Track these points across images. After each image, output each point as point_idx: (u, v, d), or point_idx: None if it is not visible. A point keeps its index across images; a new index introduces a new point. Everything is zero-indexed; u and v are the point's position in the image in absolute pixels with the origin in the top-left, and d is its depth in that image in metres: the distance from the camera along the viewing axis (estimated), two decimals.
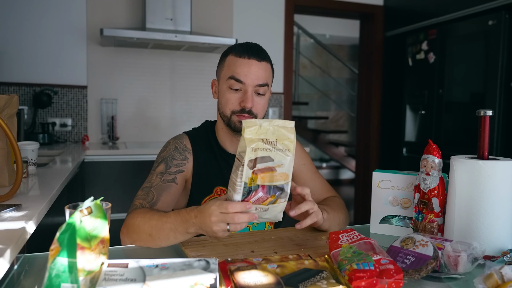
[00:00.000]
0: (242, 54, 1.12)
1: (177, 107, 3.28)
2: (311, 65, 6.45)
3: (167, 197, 1.10)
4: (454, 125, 3.02)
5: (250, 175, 0.79)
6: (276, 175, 0.80)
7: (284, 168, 0.81)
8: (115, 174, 2.56)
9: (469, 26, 2.87)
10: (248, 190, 0.80)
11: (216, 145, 1.23)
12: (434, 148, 0.97)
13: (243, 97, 1.12)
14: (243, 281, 0.67)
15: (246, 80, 1.11)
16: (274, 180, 0.80)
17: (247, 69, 1.11)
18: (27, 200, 1.16)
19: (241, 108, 1.12)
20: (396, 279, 0.69)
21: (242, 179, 0.79)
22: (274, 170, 0.80)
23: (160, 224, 0.93)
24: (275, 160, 0.80)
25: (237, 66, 1.12)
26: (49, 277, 0.58)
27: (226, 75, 1.14)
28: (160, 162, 1.16)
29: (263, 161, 0.79)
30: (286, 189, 0.83)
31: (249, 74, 1.11)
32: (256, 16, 3.45)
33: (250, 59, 1.11)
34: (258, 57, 1.12)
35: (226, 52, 1.18)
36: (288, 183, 0.83)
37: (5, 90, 2.91)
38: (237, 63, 1.12)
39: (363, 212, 4.01)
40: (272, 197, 0.82)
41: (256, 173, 0.79)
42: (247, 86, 1.11)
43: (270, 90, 1.18)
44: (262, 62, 1.13)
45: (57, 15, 2.97)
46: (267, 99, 1.17)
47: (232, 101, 1.13)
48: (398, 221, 1.09)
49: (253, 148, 0.78)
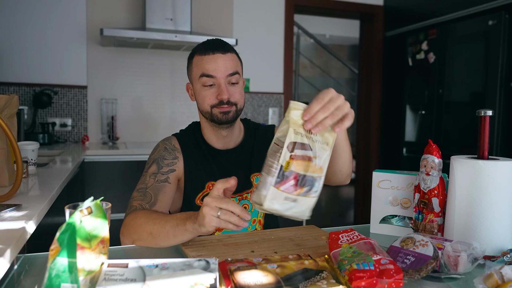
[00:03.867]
0: (207, 51, 1.16)
1: (177, 107, 3.27)
2: (311, 65, 6.45)
3: (164, 197, 1.12)
4: (454, 125, 3.02)
5: (287, 159, 0.76)
6: (311, 165, 0.77)
7: (320, 161, 0.78)
8: (115, 174, 2.56)
9: (469, 26, 2.87)
10: (282, 175, 0.77)
11: (203, 143, 1.26)
12: (434, 148, 0.97)
13: (218, 90, 1.16)
14: (243, 281, 0.67)
15: (217, 73, 1.14)
16: (309, 170, 0.77)
17: (215, 64, 1.14)
18: (27, 200, 1.16)
19: (219, 100, 1.15)
20: (396, 279, 0.69)
21: (279, 161, 0.76)
22: (310, 160, 0.77)
23: (163, 222, 0.94)
24: (313, 150, 0.78)
25: (204, 63, 1.15)
26: (49, 277, 0.58)
27: (197, 75, 1.17)
28: (152, 163, 1.19)
29: (302, 148, 0.77)
30: (318, 185, 0.79)
31: (218, 67, 1.14)
32: (256, 16, 3.45)
33: (215, 54, 1.15)
34: (222, 50, 1.15)
35: (191, 54, 1.21)
36: (321, 177, 0.79)
37: (5, 90, 2.91)
38: (204, 60, 1.15)
39: (363, 212, 4.01)
40: (302, 189, 0.78)
41: (293, 158, 0.76)
42: (219, 79, 1.15)
43: (242, 78, 1.22)
44: (227, 53, 1.16)
45: (57, 15, 2.97)
46: (242, 87, 1.21)
47: (209, 97, 1.17)
48: (398, 221, 1.09)
49: (295, 131, 0.77)
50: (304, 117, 0.78)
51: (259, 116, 3.52)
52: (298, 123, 0.78)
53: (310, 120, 0.78)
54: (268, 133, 1.33)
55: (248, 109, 3.49)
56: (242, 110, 1.22)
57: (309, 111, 0.78)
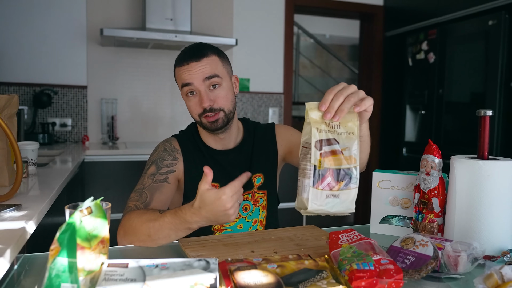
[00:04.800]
0: (181, 62, 1.16)
1: (177, 107, 3.27)
2: (311, 65, 6.45)
3: (160, 196, 1.11)
4: (454, 125, 3.02)
5: (318, 157, 0.77)
6: (342, 158, 0.78)
7: (350, 151, 0.79)
8: (115, 174, 2.56)
9: (469, 26, 2.87)
10: (318, 175, 0.77)
11: (202, 144, 1.26)
12: (434, 148, 0.97)
13: (199, 99, 1.15)
14: (243, 281, 0.67)
15: (193, 80, 1.14)
16: (342, 163, 0.78)
17: (189, 73, 1.14)
18: (27, 200, 1.16)
19: (203, 109, 1.15)
20: (396, 279, 0.69)
21: (312, 162, 0.77)
22: (340, 153, 0.78)
23: (158, 225, 0.93)
24: (340, 143, 0.78)
25: (181, 74, 1.16)
26: (49, 277, 0.58)
27: (180, 86, 1.18)
28: (151, 164, 1.19)
29: (329, 143, 0.78)
30: (356, 174, 0.80)
31: (193, 75, 1.14)
32: (256, 16, 3.45)
33: (189, 63, 1.14)
34: (196, 58, 1.14)
35: (174, 66, 1.21)
36: (356, 167, 0.80)
37: (5, 90, 2.91)
38: (181, 71, 1.16)
39: (363, 212, 4.00)
40: (341, 183, 0.79)
41: (323, 155, 0.77)
42: (197, 86, 1.14)
43: (228, 78, 1.20)
44: (202, 59, 1.14)
45: (57, 15, 2.97)
46: (228, 88, 1.18)
47: (194, 106, 1.17)
48: (398, 221, 1.09)
49: (318, 129, 0.77)
50: (320, 108, 0.79)
51: (259, 116, 3.52)
52: (319, 121, 0.79)
53: (328, 109, 0.79)
54: (267, 131, 1.33)
55: (248, 109, 3.49)
56: (233, 113, 1.21)
57: (324, 102, 0.80)
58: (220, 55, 1.20)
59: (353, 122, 0.81)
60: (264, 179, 1.27)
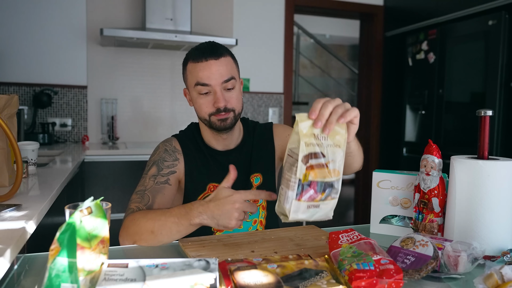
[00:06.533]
0: (199, 58, 1.13)
1: (177, 107, 3.27)
2: (311, 65, 6.45)
3: (162, 199, 1.11)
4: (454, 125, 3.02)
5: (304, 171, 0.78)
6: (327, 172, 0.79)
7: (335, 164, 0.80)
8: (115, 174, 2.56)
9: (469, 26, 2.87)
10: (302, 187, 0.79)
11: (203, 144, 1.26)
12: (434, 148, 0.97)
13: (214, 98, 1.14)
14: (243, 281, 0.67)
15: (211, 81, 1.13)
16: (326, 176, 0.79)
17: (208, 71, 1.12)
18: (27, 200, 1.16)
19: (216, 108, 1.14)
20: (396, 279, 0.69)
21: (297, 175, 0.77)
22: (325, 166, 0.79)
23: (164, 218, 0.94)
24: (326, 156, 0.79)
25: (198, 71, 1.13)
26: (49, 277, 0.58)
27: (192, 83, 1.16)
28: (152, 165, 1.18)
29: (315, 157, 0.78)
30: (337, 186, 0.81)
31: (212, 75, 1.12)
32: (256, 16, 3.45)
33: (208, 60, 1.12)
34: (215, 56, 1.13)
35: (185, 60, 1.20)
36: (339, 180, 0.81)
37: (5, 90, 2.91)
38: (197, 68, 1.14)
39: (363, 212, 4.01)
40: (322, 194, 0.80)
41: (309, 169, 0.78)
42: (214, 87, 1.13)
43: (239, 80, 1.20)
44: (221, 58, 1.13)
45: (57, 15, 2.97)
46: (239, 90, 1.19)
47: (206, 105, 1.16)
48: (398, 221, 1.09)
49: (306, 143, 0.78)
50: (310, 116, 0.79)
51: (259, 116, 3.52)
52: (308, 134, 0.79)
53: (319, 117, 0.79)
54: (266, 131, 1.33)
55: (248, 109, 3.49)
56: (240, 114, 1.22)
57: (313, 110, 0.80)
58: (233, 57, 1.20)
59: (341, 135, 0.82)
60: (263, 179, 1.27)
